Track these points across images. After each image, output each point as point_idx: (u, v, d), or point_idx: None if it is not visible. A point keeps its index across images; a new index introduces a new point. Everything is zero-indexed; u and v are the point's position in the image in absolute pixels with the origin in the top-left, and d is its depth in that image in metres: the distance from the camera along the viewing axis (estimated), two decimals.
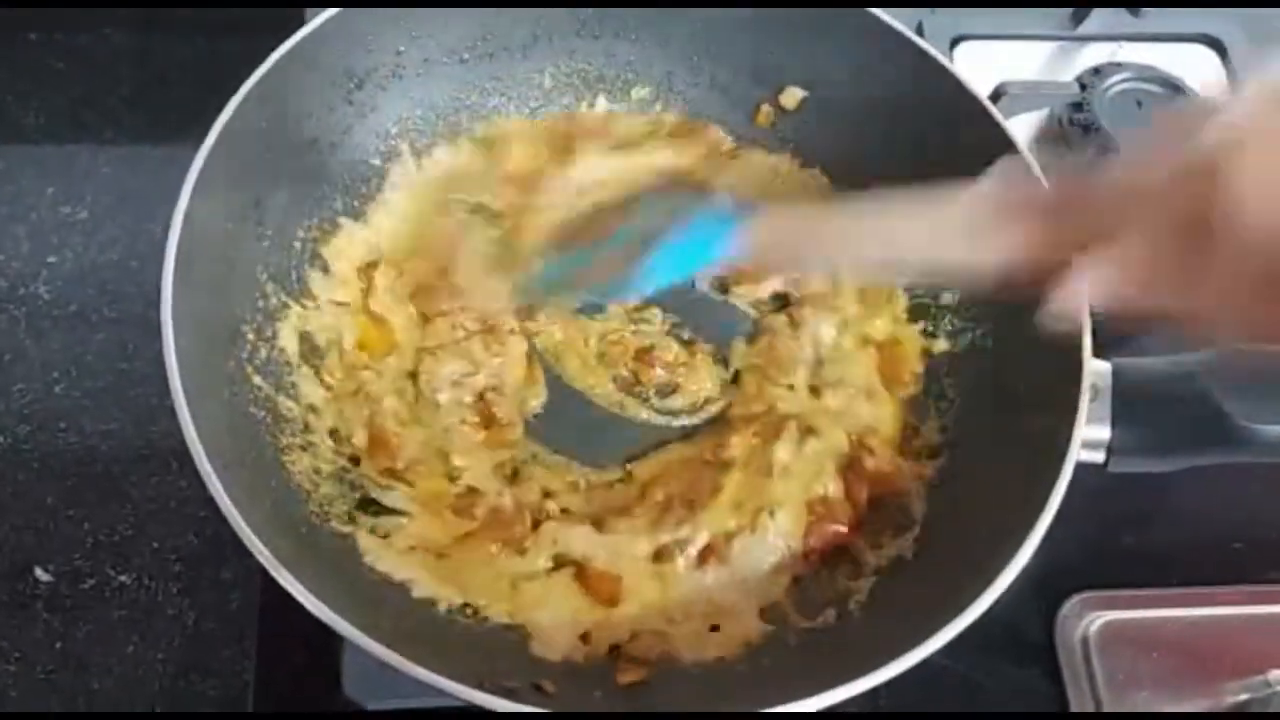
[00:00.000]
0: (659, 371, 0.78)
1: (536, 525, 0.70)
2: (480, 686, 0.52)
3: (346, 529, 0.68)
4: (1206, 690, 0.73)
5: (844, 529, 0.72)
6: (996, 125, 0.74)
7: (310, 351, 0.73)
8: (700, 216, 0.65)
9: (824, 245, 0.63)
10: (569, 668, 0.64)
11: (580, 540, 0.69)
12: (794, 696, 0.54)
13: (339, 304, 0.76)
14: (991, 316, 0.75)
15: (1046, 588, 0.75)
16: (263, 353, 0.70)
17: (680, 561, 0.69)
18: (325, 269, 0.76)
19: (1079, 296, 0.49)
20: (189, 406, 0.58)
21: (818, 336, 0.79)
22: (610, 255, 0.68)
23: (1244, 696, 0.72)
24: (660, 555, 0.69)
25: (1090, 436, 0.63)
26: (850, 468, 0.74)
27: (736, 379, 0.79)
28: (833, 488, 0.72)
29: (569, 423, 0.76)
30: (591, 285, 0.71)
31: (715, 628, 0.68)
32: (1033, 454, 0.62)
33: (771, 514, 0.70)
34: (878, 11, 0.77)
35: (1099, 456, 0.65)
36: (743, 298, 0.82)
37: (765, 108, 0.84)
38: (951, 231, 0.55)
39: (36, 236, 0.90)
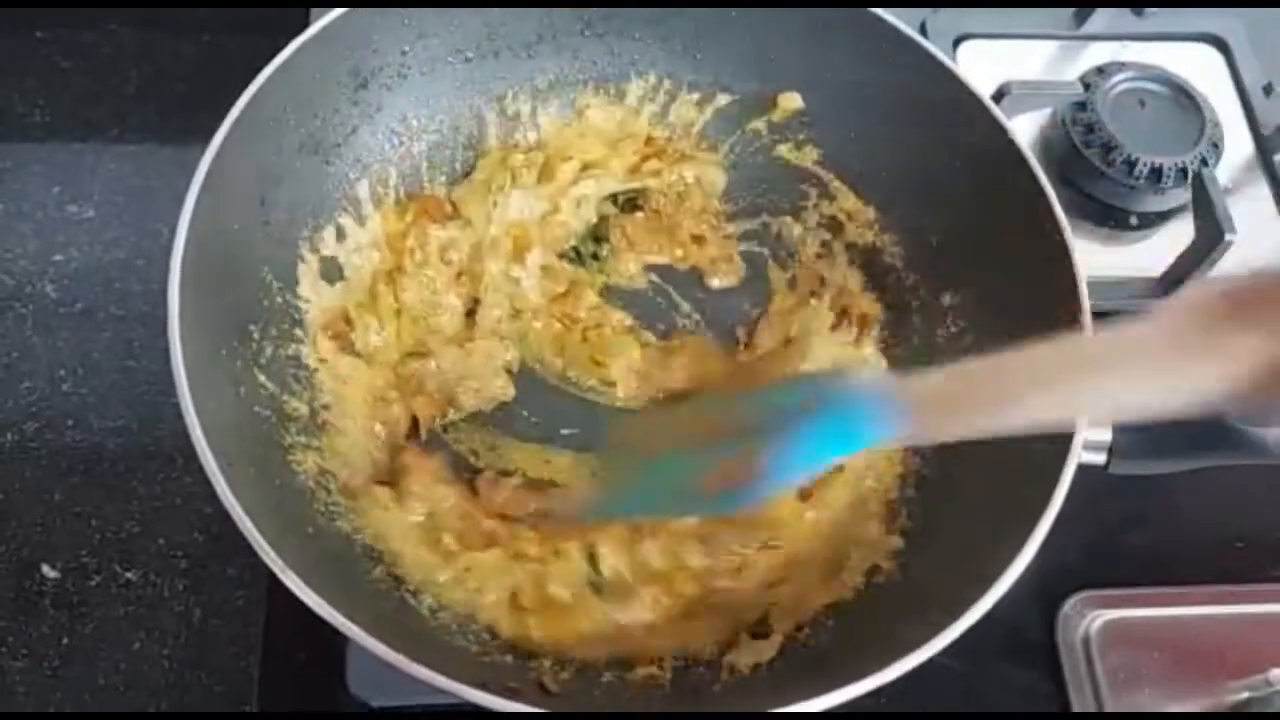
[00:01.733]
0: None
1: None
2: (483, 687, 0.53)
3: (352, 529, 0.68)
4: (1207, 689, 0.73)
5: None
6: (999, 125, 0.74)
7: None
8: (839, 397, 0.58)
9: (1000, 403, 0.54)
10: (572, 667, 0.65)
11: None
12: (795, 698, 0.54)
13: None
14: (994, 317, 0.75)
15: (1048, 587, 0.76)
16: (268, 352, 0.70)
17: None
18: (328, 269, 0.76)
19: None
20: (195, 405, 0.58)
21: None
22: (731, 456, 0.58)
23: (1245, 695, 0.73)
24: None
25: (1092, 438, 0.63)
26: None
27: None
28: None
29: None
30: (710, 495, 0.60)
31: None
32: (1034, 455, 0.62)
33: None
34: (880, 11, 0.77)
35: (1100, 458, 0.65)
36: None
37: (769, 106, 0.84)
38: (1154, 359, 0.48)
39: (43, 235, 0.91)
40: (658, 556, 0.70)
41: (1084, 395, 0.53)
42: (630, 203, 0.86)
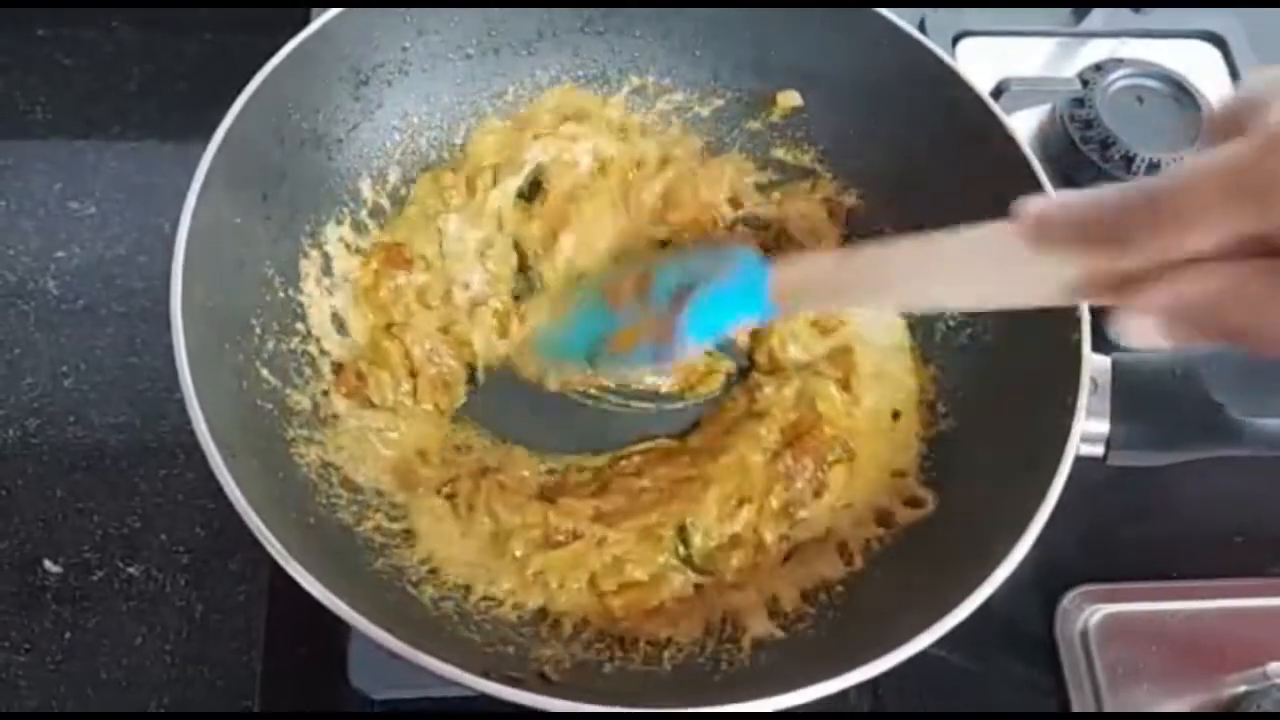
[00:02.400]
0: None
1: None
2: (486, 675, 0.53)
3: (354, 520, 0.68)
4: (1206, 683, 0.74)
5: None
6: (998, 121, 0.74)
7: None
8: (735, 267, 0.63)
9: (857, 288, 0.60)
10: (574, 656, 0.65)
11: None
12: (793, 687, 0.54)
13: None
14: (992, 311, 0.75)
15: (1046, 581, 0.76)
16: (270, 346, 0.70)
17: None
18: (329, 264, 0.77)
19: (1146, 332, 0.43)
20: (198, 399, 0.58)
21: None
22: (645, 316, 0.66)
23: (1243, 689, 0.73)
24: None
25: (1089, 430, 0.64)
26: None
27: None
28: None
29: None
30: (631, 349, 0.67)
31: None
32: (1032, 448, 0.63)
33: None
34: (880, 8, 0.77)
35: (1098, 450, 0.65)
36: None
37: (768, 104, 0.85)
38: (990, 268, 0.50)
39: (45, 232, 0.91)
40: (741, 522, 0.71)
41: (931, 294, 0.58)
42: (536, 186, 0.83)
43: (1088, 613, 0.76)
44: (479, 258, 0.80)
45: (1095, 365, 0.65)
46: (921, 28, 0.97)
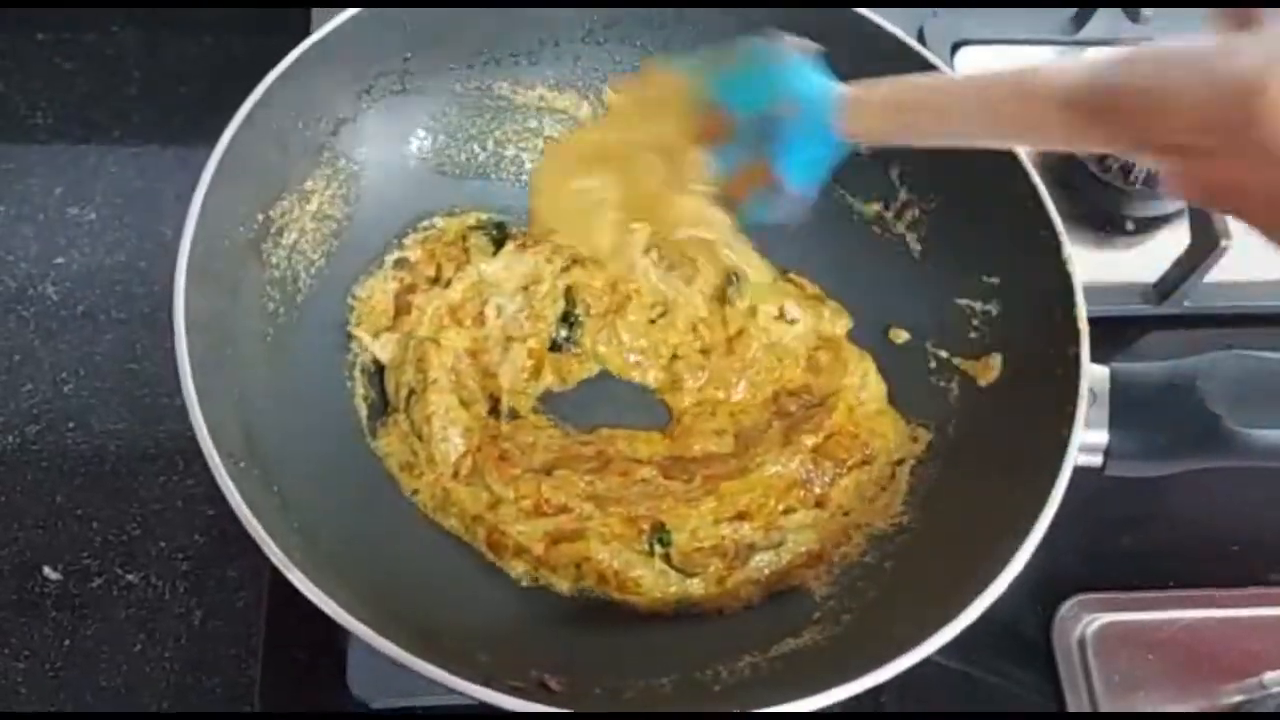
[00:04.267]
0: None
1: None
2: (486, 684, 0.53)
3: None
4: (1202, 692, 0.74)
5: None
6: None
7: None
8: (808, 98, 0.60)
9: (937, 131, 0.59)
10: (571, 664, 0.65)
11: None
12: (793, 697, 0.54)
13: None
14: (990, 321, 0.76)
15: (1044, 589, 0.76)
16: None
17: None
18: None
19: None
20: (200, 406, 0.58)
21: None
22: (745, 159, 0.62)
23: (1239, 698, 0.73)
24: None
25: (1088, 440, 0.64)
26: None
27: None
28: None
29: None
30: (748, 195, 0.63)
31: None
32: (1031, 457, 0.63)
33: None
34: (878, 16, 0.78)
35: (1097, 460, 0.65)
36: None
37: None
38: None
39: (45, 237, 0.91)
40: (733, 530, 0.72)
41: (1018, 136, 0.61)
42: None
43: (1085, 621, 0.76)
44: (520, 290, 0.80)
45: (1094, 376, 0.65)
46: (920, 36, 0.97)
